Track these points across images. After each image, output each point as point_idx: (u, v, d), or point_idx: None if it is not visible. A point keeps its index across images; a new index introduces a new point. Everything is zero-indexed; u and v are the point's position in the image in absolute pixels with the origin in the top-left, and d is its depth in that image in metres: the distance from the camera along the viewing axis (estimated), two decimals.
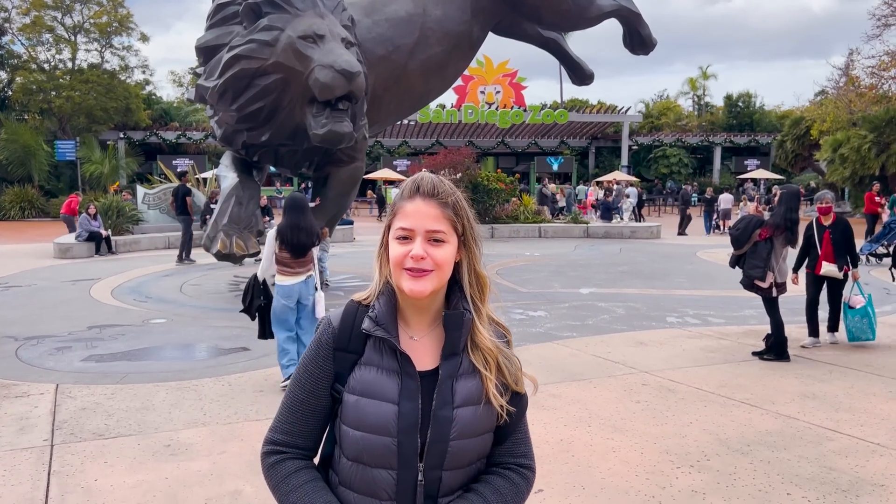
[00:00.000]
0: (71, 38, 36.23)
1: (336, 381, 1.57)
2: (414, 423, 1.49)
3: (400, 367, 1.53)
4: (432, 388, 1.52)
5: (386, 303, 1.57)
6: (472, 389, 1.54)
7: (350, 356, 1.57)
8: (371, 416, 1.50)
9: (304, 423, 1.60)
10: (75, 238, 16.86)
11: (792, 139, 37.13)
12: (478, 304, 1.60)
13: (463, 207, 1.58)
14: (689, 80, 57.83)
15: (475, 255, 1.60)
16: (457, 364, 1.55)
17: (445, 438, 1.50)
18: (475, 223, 1.61)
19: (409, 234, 1.51)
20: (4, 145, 31.60)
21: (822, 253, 7.58)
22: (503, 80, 38.14)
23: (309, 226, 6.17)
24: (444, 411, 1.51)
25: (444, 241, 1.52)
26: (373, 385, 1.52)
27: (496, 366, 1.57)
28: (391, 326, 1.55)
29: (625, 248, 18.69)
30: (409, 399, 1.50)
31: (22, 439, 5.01)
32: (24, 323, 9.00)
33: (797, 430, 5.17)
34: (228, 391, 6.16)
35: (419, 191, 1.55)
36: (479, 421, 1.54)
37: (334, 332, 1.59)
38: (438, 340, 1.58)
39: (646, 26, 14.31)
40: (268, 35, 9.26)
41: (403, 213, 1.54)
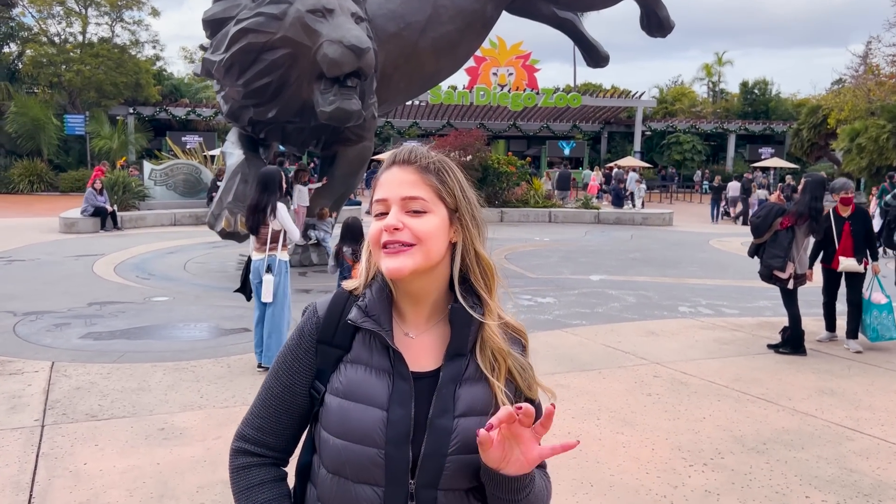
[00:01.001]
0: (82, 12, 35.93)
1: (317, 378, 1.36)
2: (405, 432, 1.27)
3: (392, 367, 1.31)
4: (430, 392, 1.30)
5: (378, 291, 1.35)
6: (479, 396, 1.31)
7: (335, 351, 1.35)
8: (355, 422, 1.28)
9: (276, 420, 1.39)
10: (80, 213, 16.74)
11: (808, 128, 36.56)
12: (484, 297, 1.37)
13: (453, 176, 1.35)
14: (705, 66, 57.03)
15: (474, 233, 1.36)
16: (462, 366, 1.32)
17: (443, 452, 1.27)
18: (474, 195, 1.37)
19: (384, 206, 1.30)
20: (14, 118, 31.45)
21: (841, 247, 7.12)
22: (516, 63, 37.61)
23: (264, 204, 5.98)
24: (443, 420, 1.28)
25: (425, 210, 1.29)
26: (359, 386, 1.30)
27: (506, 370, 1.35)
28: (383, 318, 1.33)
29: (636, 234, 18.43)
30: (401, 404, 1.28)
31: (12, 419, 4.86)
32: (25, 298, 8.87)
33: (815, 428, 4.96)
34: (227, 373, 6.00)
35: (395, 159, 1.34)
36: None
37: (318, 322, 1.38)
38: (439, 338, 1.36)
39: (664, 8, 13.96)
40: (276, 8, 9.02)
41: (378, 183, 1.34)
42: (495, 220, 20.47)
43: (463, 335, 1.33)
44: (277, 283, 6.04)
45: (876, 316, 7.04)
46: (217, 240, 12.53)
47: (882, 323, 7.02)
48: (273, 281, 6.00)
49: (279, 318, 6.06)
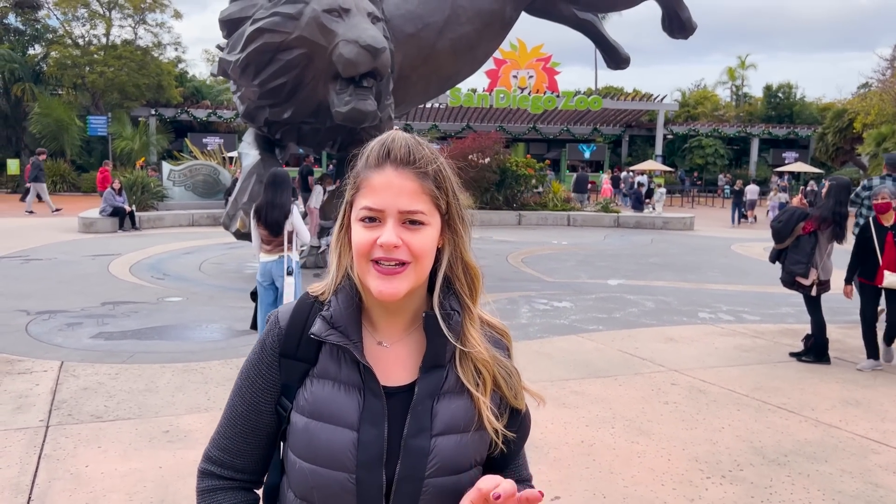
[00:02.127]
0: (106, 14, 36.28)
1: (283, 394, 1.24)
2: (378, 455, 1.15)
3: (363, 382, 1.18)
4: (405, 409, 1.18)
5: (345, 299, 1.22)
6: (458, 412, 1.19)
7: (299, 365, 1.23)
8: (323, 444, 1.16)
9: (243, 441, 1.28)
10: (99, 213, 16.83)
11: (833, 132, 36.05)
12: (467, 303, 1.24)
13: (446, 177, 1.21)
14: (728, 69, 56.38)
15: (462, 238, 1.24)
16: (440, 379, 1.20)
17: (420, 475, 1.16)
18: (461, 195, 1.24)
19: (377, 214, 1.16)
20: (38, 119, 31.80)
21: (885, 260, 6.36)
22: (536, 65, 37.40)
23: (282, 203, 5.89)
24: (419, 440, 1.16)
25: (423, 223, 1.16)
26: (326, 404, 1.18)
27: (492, 382, 1.22)
28: (351, 329, 1.20)
29: (656, 238, 18.18)
30: (373, 424, 1.16)
31: (17, 419, 4.82)
32: (39, 297, 8.87)
33: (839, 440, 4.78)
34: (236, 375, 5.89)
35: (389, 157, 1.18)
36: (465, 453, 1.19)
37: (280, 334, 1.25)
38: (417, 348, 1.23)
39: (686, 9, 13.73)
40: (292, 8, 8.96)
41: (370, 186, 1.17)
42: (513, 223, 20.30)
43: (440, 345, 1.21)
44: (296, 285, 5.97)
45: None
46: (233, 241, 12.50)
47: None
48: (293, 283, 5.92)
49: None
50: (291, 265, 5.93)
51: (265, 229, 5.94)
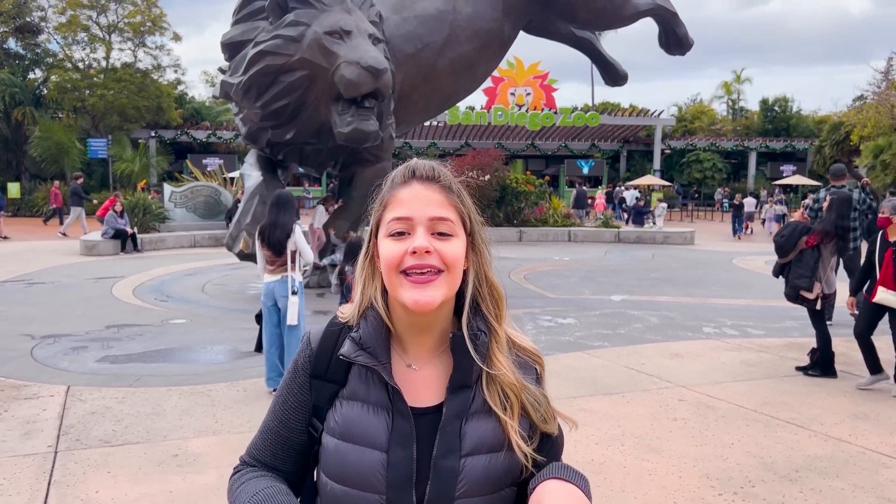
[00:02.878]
0: (105, 38, 36.53)
1: (314, 415, 1.26)
2: (408, 476, 1.16)
3: (391, 403, 1.20)
4: (434, 430, 1.19)
5: (374, 321, 1.24)
6: (487, 433, 1.20)
7: (329, 386, 1.25)
8: (353, 465, 1.17)
9: (273, 455, 1.30)
10: (101, 235, 16.85)
11: (830, 144, 36.19)
12: (493, 325, 1.26)
13: (468, 200, 1.25)
14: (724, 83, 56.74)
15: (486, 259, 1.26)
16: (467, 400, 1.21)
17: (450, 496, 1.16)
18: (482, 221, 1.29)
19: (405, 225, 1.18)
20: (38, 142, 31.92)
21: (881, 276, 6.19)
22: (534, 82, 37.62)
23: (284, 223, 5.94)
24: (449, 461, 1.17)
25: (451, 233, 1.19)
26: (356, 425, 1.20)
27: (519, 406, 1.22)
28: (380, 351, 1.22)
29: (657, 253, 18.20)
30: (402, 445, 1.17)
31: (26, 445, 4.80)
32: (43, 321, 8.87)
33: (850, 454, 4.77)
34: (243, 397, 5.91)
35: (415, 174, 1.22)
36: (494, 474, 1.19)
37: (311, 355, 1.28)
38: (445, 370, 1.24)
39: (682, 25, 13.87)
40: (293, 31, 9.04)
41: (397, 200, 1.20)
42: (514, 240, 20.32)
43: (467, 366, 1.22)
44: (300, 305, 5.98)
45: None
46: (235, 262, 12.52)
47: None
48: (297, 303, 5.93)
49: (298, 341, 5.98)
50: (295, 285, 5.94)
51: (268, 250, 5.96)
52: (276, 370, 6.00)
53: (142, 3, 36.19)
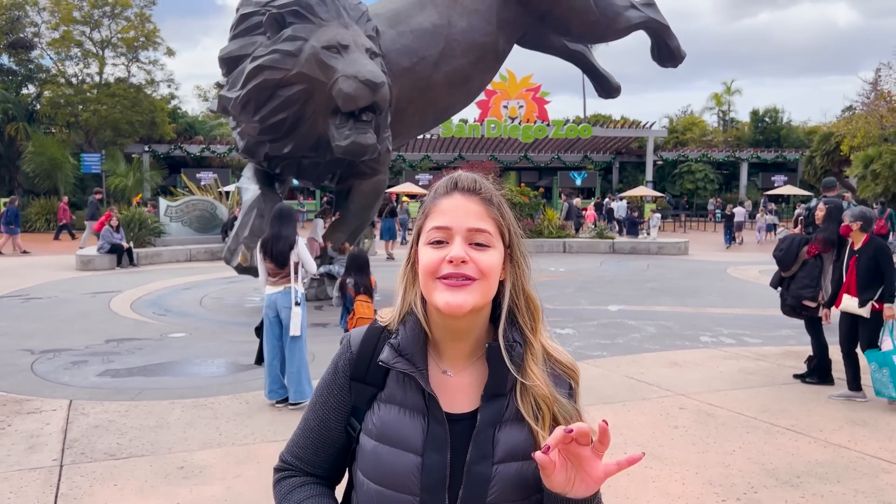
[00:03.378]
0: (99, 53, 36.58)
1: (353, 415, 1.30)
2: (441, 479, 1.20)
3: (427, 409, 1.24)
4: (467, 436, 1.23)
5: (413, 328, 1.28)
6: (520, 441, 1.23)
7: (368, 389, 1.29)
8: (389, 467, 1.22)
9: (314, 453, 1.35)
10: (97, 250, 16.84)
11: (821, 155, 36.52)
12: (528, 337, 1.30)
13: (508, 213, 1.30)
14: (715, 95, 57.20)
15: (524, 272, 1.31)
16: (501, 408, 1.25)
17: (481, 501, 1.20)
18: (521, 234, 1.33)
19: (445, 234, 1.23)
20: (31, 158, 31.88)
21: (846, 283, 6.29)
22: (526, 95, 37.87)
23: (287, 235, 6.00)
24: (481, 467, 1.21)
25: (489, 245, 1.23)
26: (393, 428, 1.24)
27: (550, 418, 1.26)
28: (418, 358, 1.26)
29: (652, 264, 18.30)
30: (436, 450, 1.22)
31: (31, 459, 4.81)
32: (42, 336, 8.86)
33: (849, 460, 4.82)
34: (246, 409, 5.93)
35: (457, 186, 1.27)
36: (525, 481, 1.22)
37: (352, 358, 1.33)
38: (479, 377, 1.28)
39: (674, 38, 14.04)
40: (291, 45, 9.12)
41: (438, 210, 1.25)
42: None
43: (501, 375, 1.26)
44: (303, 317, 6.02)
45: (873, 368, 6.01)
46: (232, 275, 12.54)
47: (875, 377, 6.00)
48: (300, 314, 5.96)
49: (303, 351, 6.02)
50: (298, 296, 5.98)
51: (271, 262, 6.00)
52: (277, 382, 6.02)
53: (135, 19, 36.30)
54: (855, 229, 6.25)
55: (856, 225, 6.24)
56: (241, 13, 9.72)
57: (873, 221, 6.40)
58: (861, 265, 6.18)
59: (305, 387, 5.95)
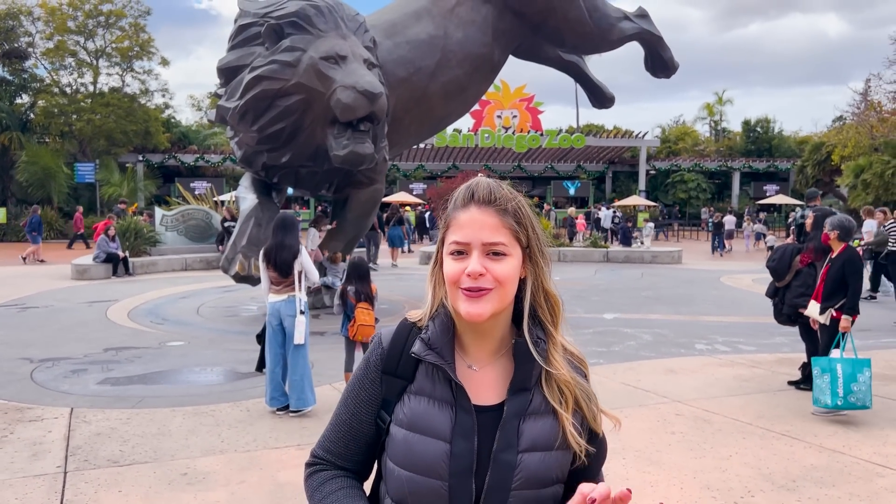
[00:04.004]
0: (93, 63, 36.64)
1: (383, 408, 1.38)
2: (468, 466, 1.29)
3: (455, 400, 1.33)
4: (494, 426, 1.32)
5: (441, 324, 1.37)
6: (544, 431, 1.32)
7: (399, 382, 1.38)
8: (419, 454, 1.30)
9: (345, 446, 1.43)
10: (93, 259, 16.83)
11: (812, 164, 36.83)
12: (550, 330, 1.39)
13: (526, 214, 1.38)
14: (706, 105, 57.61)
15: (543, 270, 1.39)
16: (526, 401, 1.34)
17: (507, 486, 1.28)
18: (541, 232, 1.41)
19: (464, 248, 1.32)
20: (25, 167, 31.86)
21: (816, 289, 6.42)
22: (520, 105, 38.13)
23: (290, 244, 6.06)
24: (507, 455, 1.29)
25: (505, 254, 1.32)
26: (422, 418, 1.32)
27: (573, 401, 1.35)
28: (446, 351, 1.35)
29: (646, 272, 18.40)
30: (464, 438, 1.30)
31: (35, 466, 4.84)
32: (40, 345, 8.88)
33: (844, 465, 4.90)
34: (247, 417, 5.97)
35: (473, 198, 1.35)
36: (548, 469, 1.31)
37: (383, 353, 1.41)
38: (503, 372, 1.37)
39: (667, 49, 14.19)
40: (290, 56, 9.19)
41: (457, 224, 1.34)
42: None
43: (527, 370, 1.35)
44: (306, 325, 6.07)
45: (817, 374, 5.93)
46: (229, 284, 12.58)
47: (815, 383, 5.94)
48: (305, 322, 6.01)
49: (307, 359, 6.07)
50: (302, 305, 6.04)
51: (275, 271, 6.05)
52: (279, 389, 6.07)
53: (129, 29, 36.39)
54: (833, 238, 6.37)
55: (833, 234, 6.36)
56: (239, 24, 9.80)
57: (852, 231, 6.47)
58: (830, 274, 6.29)
59: (308, 394, 6.00)
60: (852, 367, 5.77)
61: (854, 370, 5.76)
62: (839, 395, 5.74)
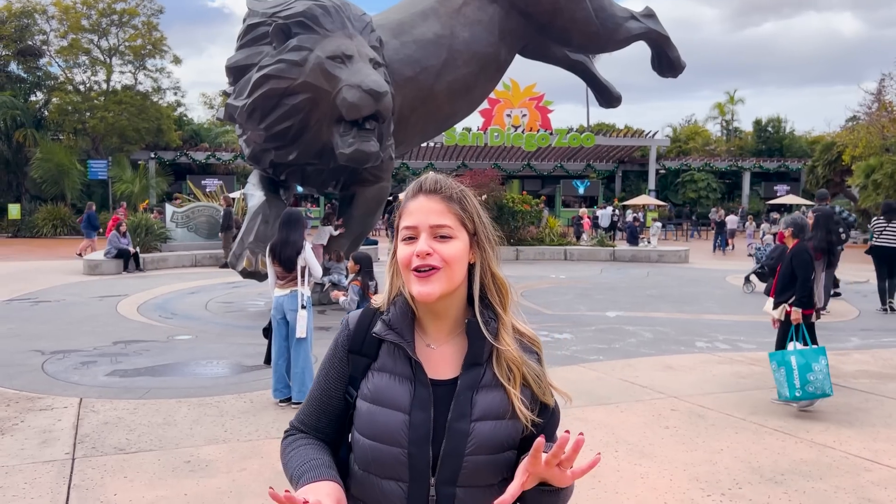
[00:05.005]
0: (106, 61, 37.04)
1: (350, 384, 1.52)
2: (425, 434, 1.42)
3: (413, 375, 1.46)
4: (449, 398, 1.45)
5: (400, 308, 1.51)
6: (494, 403, 1.45)
7: (363, 360, 1.51)
8: (381, 424, 1.43)
9: (317, 419, 1.57)
10: (104, 255, 17.07)
11: (823, 164, 36.69)
12: (499, 311, 1.52)
13: (472, 203, 1.52)
14: (718, 104, 57.47)
15: (489, 255, 1.52)
16: (478, 375, 1.47)
17: (460, 453, 1.42)
18: (488, 222, 1.54)
19: (413, 232, 1.46)
20: (39, 164, 32.25)
21: (773, 287, 6.68)
22: (530, 104, 38.19)
23: (294, 240, 6.23)
24: (461, 424, 1.43)
25: (451, 236, 1.45)
26: (385, 392, 1.46)
27: (521, 377, 1.48)
28: (406, 332, 1.49)
29: (652, 272, 18.46)
30: (422, 409, 1.43)
31: (44, 452, 5.00)
32: (52, 337, 9.07)
33: (833, 459, 4.99)
34: (250, 408, 6.11)
35: (421, 188, 1.50)
36: (499, 436, 1.44)
37: (349, 335, 1.55)
38: (459, 350, 1.50)
39: (674, 49, 14.24)
40: (297, 55, 9.33)
41: (407, 212, 1.49)
42: (511, 258, 20.59)
43: (478, 347, 1.48)
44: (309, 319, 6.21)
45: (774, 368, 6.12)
46: (237, 280, 12.74)
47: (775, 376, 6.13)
48: (307, 316, 6.16)
49: (308, 353, 6.21)
50: (304, 300, 6.18)
51: (280, 266, 6.21)
52: (282, 381, 6.22)
53: (142, 27, 36.74)
54: (787, 235, 6.55)
55: (788, 231, 6.55)
56: (247, 24, 9.95)
57: (805, 229, 6.60)
58: (782, 270, 6.48)
59: (309, 386, 6.14)
60: (806, 358, 5.91)
61: (808, 360, 5.90)
62: (797, 387, 5.88)
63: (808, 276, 6.28)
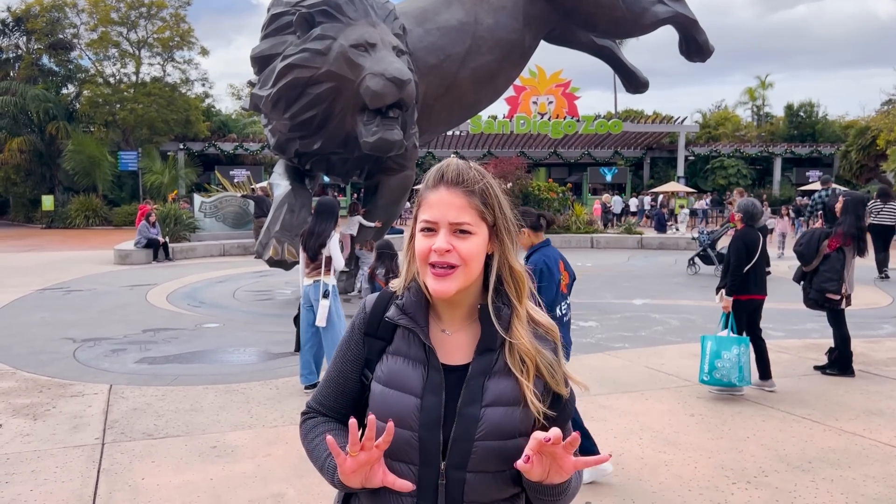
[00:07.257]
0: (135, 53, 37.46)
1: (366, 366, 1.53)
2: (436, 418, 1.42)
3: (427, 360, 1.46)
4: (461, 384, 1.44)
5: (416, 293, 1.50)
6: (506, 390, 1.44)
7: (378, 343, 1.52)
8: (393, 407, 1.43)
9: (334, 399, 1.58)
10: (134, 245, 17.34)
11: (857, 150, 35.90)
12: (514, 301, 1.50)
13: (494, 195, 1.48)
14: (748, 89, 56.52)
15: (508, 247, 1.50)
16: (491, 361, 1.46)
17: (470, 437, 1.41)
18: (509, 212, 1.51)
19: (432, 226, 1.43)
20: (71, 156, 32.81)
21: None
22: (556, 91, 37.85)
23: (320, 232, 6.30)
24: (471, 409, 1.42)
25: (470, 232, 1.43)
26: (398, 375, 1.46)
27: (534, 368, 1.46)
28: (419, 317, 1.48)
29: (680, 259, 18.23)
30: (434, 393, 1.43)
31: (75, 437, 5.11)
32: (83, 325, 9.25)
33: (862, 447, 4.91)
34: (276, 395, 6.18)
35: (443, 179, 1.46)
36: (509, 423, 1.42)
37: (365, 318, 1.56)
38: (473, 335, 1.49)
39: (702, 32, 13.99)
40: (320, 44, 9.35)
41: (427, 203, 1.46)
42: None
43: (491, 333, 1.46)
44: (332, 308, 6.26)
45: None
46: (264, 269, 12.87)
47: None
48: (328, 305, 6.20)
49: (335, 340, 6.24)
50: (327, 288, 6.23)
51: (306, 254, 6.31)
52: (308, 367, 6.28)
53: (170, 19, 37.07)
54: (738, 220, 6.57)
55: (738, 216, 6.55)
56: (271, 13, 9.99)
57: (756, 216, 6.52)
58: (726, 256, 6.51)
59: None
60: (719, 346, 5.98)
61: (720, 348, 5.96)
62: (705, 371, 6.02)
63: (739, 264, 6.31)
